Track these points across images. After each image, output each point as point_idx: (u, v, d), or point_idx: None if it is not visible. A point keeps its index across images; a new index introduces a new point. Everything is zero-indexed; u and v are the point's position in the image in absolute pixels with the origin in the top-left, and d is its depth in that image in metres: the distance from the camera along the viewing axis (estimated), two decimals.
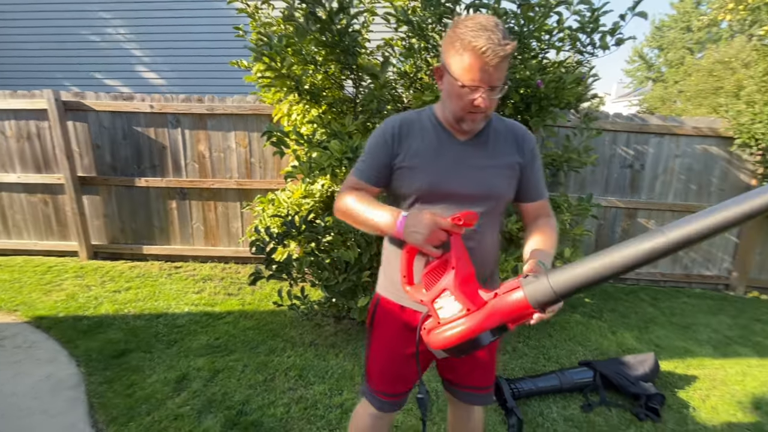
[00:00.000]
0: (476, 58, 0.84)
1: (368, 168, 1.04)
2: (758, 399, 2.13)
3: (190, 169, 3.75)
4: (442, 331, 0.82)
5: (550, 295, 0.70)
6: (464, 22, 0.87)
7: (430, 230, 0.83)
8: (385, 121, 1.05)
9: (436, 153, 1.00)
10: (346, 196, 1.02)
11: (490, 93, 0.88)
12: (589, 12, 2.52)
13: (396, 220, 0.90)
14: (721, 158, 3.68)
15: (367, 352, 1.18)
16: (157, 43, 5.79)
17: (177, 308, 2.93)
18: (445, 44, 0.92)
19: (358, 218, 0.98)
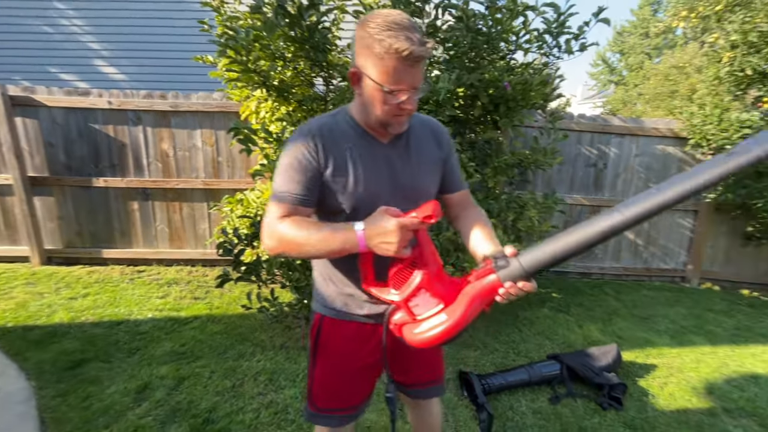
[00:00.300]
0: (399, 61, 0.79)
1: (295, 189, 0.90)
2: (711, 384, 2.26)
3: (153, 168, 3.59)
4: (425, 329, 0.83)
5: (522, 273, 0.77)
6: (375, 20, 0.81)
7: (401, 236, 0.78)
8: (299, 130, 0.93)
9: (365, 160, 0.94)
10: (278, 226, 0.87)
11: (414, 93, 0.86)
12: (555, 15, 2.59)
13: (356, 236, 0.81)
14: (677, 157, 3.88)
15: (311, 375, 1.09)
16: (118, 36, 5.51)
17: (139, 314, 2.80)
18: (359, 47, 0.84)
19: (305, 246, 0.85)
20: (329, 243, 0.83)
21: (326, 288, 1.04)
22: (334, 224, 0.86)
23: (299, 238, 0.84)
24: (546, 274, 4.02)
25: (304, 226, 0.86)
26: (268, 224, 0.89)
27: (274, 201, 0.91)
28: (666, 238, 4.02)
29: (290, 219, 0.88)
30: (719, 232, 3.97)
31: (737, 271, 4.03)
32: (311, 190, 0.91)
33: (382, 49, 0.79)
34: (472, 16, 2.53)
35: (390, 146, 0.97)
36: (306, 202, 0.91)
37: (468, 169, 2.56)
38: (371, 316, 1.02)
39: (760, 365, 2.50)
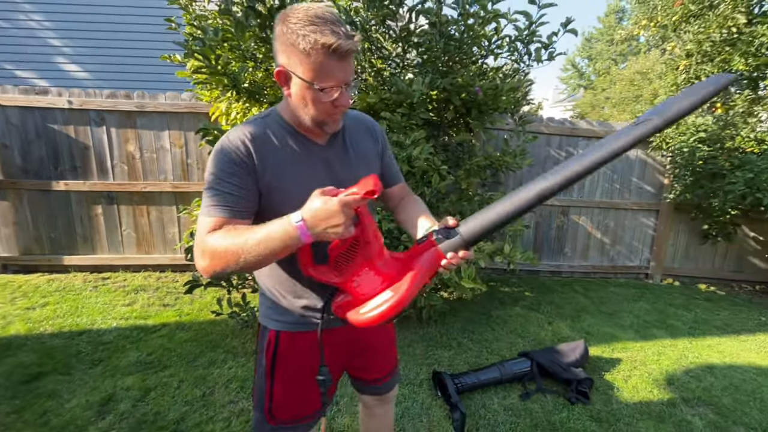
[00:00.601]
0: (326, 56, 0.76)
1: (227, 199, 0.81)
2: (671, 376, 2.37)
3: (118, 171, 3.45)
4: (371, 308, 0.80)
5: (462, 244, 0.81)
6: (296, 15, 0.76)
7: (346, 215, 0.72)
8: (228, 135, 0.85)
9: (304, 165, 0.90)
10: (207, 241, 0.78)
11: (346, 89, 0.82)
12: (526, 23, 2.66)
13: (295, 227, 0.73)
14: (640, 160, 4.07)
15: (267, 391, 1.00)
16: (80, 32, 5.27)
17: (103, 323, 2.68)
18: (282, 44, 0.79)
19: (242, 256, 0.74)
20: (268, 244, 0.74)
21: (279, 302, 0.98)
22: (269, 223, 0.76)
23: (233, 248, 0.75)
24: (519, 273, 4.12)
25: (236, 233, 0.77)
26: (198, 242, 0.80)
27: (203, 216, 0.82)
28: (630, 237, 4.20)
29: (220, 230, 0.79)
30: (679, 231, 4.18)
31: (695, 267, 4.26)
32: (245, 200, 0.84)
33: (308, 45, 0.75)
34: (444, 21, 2.57)
35: (327, 147, 0.94)
36: (239, 213, 0.82)
37: (441, 172, 2.59)
38: (328, 321, 0.98)
39: (715, 356, 2.64)
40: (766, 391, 2.26)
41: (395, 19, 2.75)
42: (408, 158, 2.35)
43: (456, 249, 0.81)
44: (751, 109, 3.59)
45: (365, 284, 0.83)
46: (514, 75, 3.04)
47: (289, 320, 0.98)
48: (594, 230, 4.16)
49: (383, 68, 2.89)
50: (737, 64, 3.51)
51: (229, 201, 0.82)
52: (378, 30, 2.79)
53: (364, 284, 0.83)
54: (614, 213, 4.13)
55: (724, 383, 2.32)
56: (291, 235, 0.73)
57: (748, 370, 2.48)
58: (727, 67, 3.59)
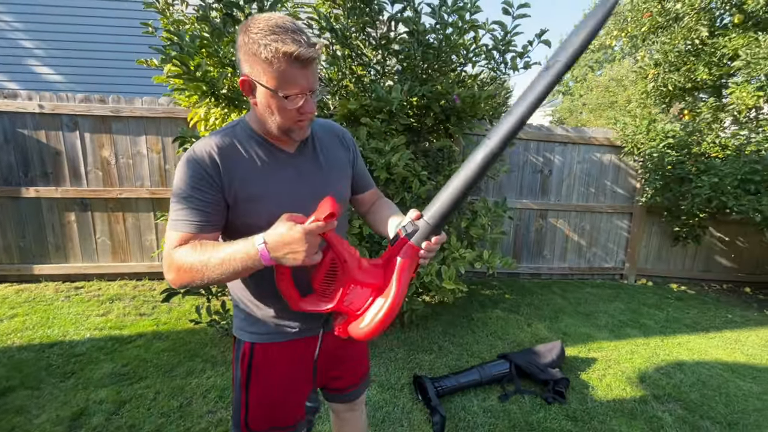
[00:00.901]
0: (288, 64, 0.77)
1: (193, 213, 0.82)
2: (643, 373, 2.46)
3: (92, 177, 3.35)
4: (369, 320, 0.83)
5: (430, 229, 0.83)
6: (257, 25, 0.78)
7: (309, 243, 0.74)
8: (194, 147, 0.85)
9: (273, 174, 0.90)
10: (174, 255, 0.80)
11: (311, 96, 0.84)
12: (502, 33, 2.74)
13: (258, 250, 0.74)
14: (614, 164, 4.21)
15: (242, 403, 0.99)
16: (53, 34, 5.12)
17: (76, 335, 2.59)
18: (244, 53, 0.80)
19: (206, 273, 0.77)
20: (230, 264, 0.76)
21: (252, 313, 0.98)
22: (234, 242, 0.78)
23: (197, 264, 0.77)
24: (500, 276, 4.19)
25: (201, 250, 0.78)
26: (165, 255, 0.83)
27: (170, 229, 0.84)
28: (606, 239, 4.34)
29: (187, 245, 0.81)
30: (651, 233, 4.34)
31: (667, 267, 4.42)
32: (211, 214, 0.84)
33: (269, 54, 0.76)
34: (423, 30, 2.62)
35: (297, 155, 0.94)
36: (206, 227, 0.84)
37: (421, 177, 2.63)
38: (303, 330, 0.99)
39: (685, 353, 2.75)
40: (731, 386, 2.37)
41: (375, 27, 2.79)
42: (387, 165, 2.38)
43: (427, 237, 0.83)
44: (716, 116, 3.77)
45: (356, 300, 0.85)
46: (491, 83, 3.12)
47: (263, 331, 0.98)
48: (571, 233, 4.27)
49: (364, 75, 2.91)
50: (701, 74, 3.68)
51: (194, 216, 0.83)
52: (358, 37, 2.82)
53: (355, 300, 0.85)
54: (590, 216, 4.25)
55: (692, 379, 2.42)
56: (252, 257, 0.75)
57: (714, 366, 2.59)
58: (692, 76, 3.77)
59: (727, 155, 3.42)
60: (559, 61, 0.73)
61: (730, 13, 3.60)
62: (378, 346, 2.60)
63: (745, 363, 2.67)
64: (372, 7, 2.61)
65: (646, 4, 3.89)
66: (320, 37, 2.74)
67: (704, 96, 4.16)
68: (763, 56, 3.07)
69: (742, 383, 2.41)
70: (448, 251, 2.69)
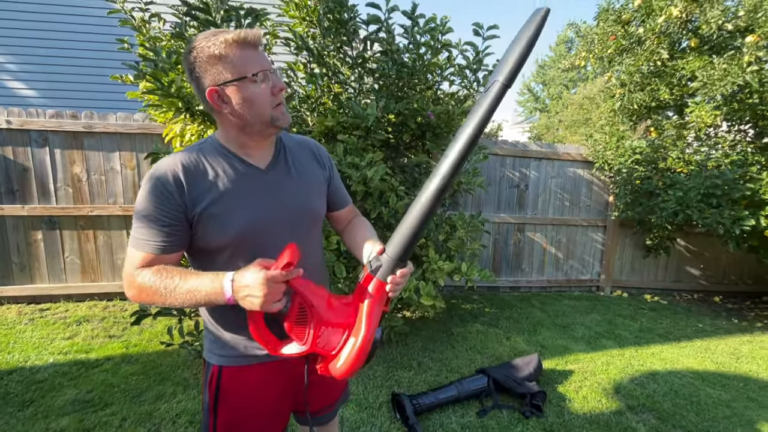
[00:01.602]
0: (242, 48, 0.81)
1: (156, 234, 0.82)
2: (618, 384, 2.50)
3: (61, 194, 3.25)
4: (344, 359, 0.84)
5: (394, 263, 0.84)
6: (197, 40, 0.82)
7: (268, 289, 0.73)
8: (158, 165, 0.84)
9: (242, 190, 0.88)
10: (137, 277, 0.81)
11: (277, 74, 0.87)
12: (474, 52, 2.84)
13: (222, 288, 0.76)
14: (587, 179, 4.35)
15: (210, 427, 0.97)
16: (27, 49, 5.01)
17: (38, 360, 2.47)
18: (199, 66, 0.82)
19: (168, 299, 0.79)
20: (195, 295, 0.78)
21: (221, 335, 0.96)
22: (202, 274, 0.79)
23: (162, 290, 0.79)
24: (479, 290, 4.22)
25: (167, 276, 0.79)
26: (127, 272, 0.83)
27: (132, 247, 0.84)
28: (582, 251, 4.44)
29: (151, 269, 0.81)
30: (625, 245, 4.47)
31: (641, 278, 4.55)
32: (175, 235, 0.84)
33: (220, 48, 0.79)
34: (396, 50, 2.69)
35: (269, 170, 0.93)
36: (168, 248, 0.84)
37: (398, 192, 2.65)
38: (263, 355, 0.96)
39: (658, 363, 2.81)
40: (702, 395, 2.43)
41: (351, 47, 2.86)
42: (363, 179, 2.40)
43: (392, 270, 0.84)
44: (680, 133, 3.97)
45: (329, 341, 0.85)
46: (466, 100, 3.21)
47: (232, 354, 0.96)
48: (548, 246, 4.36)
49: (341, 92, 2.96)
50: (663, 94, 3.88)
51: (156, 237, 0.83)
52: (335, 56, 2.87)
53: (329, 342, 0.85)
54: (566, 229, 4.36)
55: (665, 389, 2.47)
56: (217, 293, 0.77)
57: (686, 375, 2.65)
58: (656, 96, 3.97)
59: (691, 170, 3.58)
60: (497, 81, 0.73)
61: (687, 37, 3.83)
62: None
63: (715, 371, 2.74)
64: (347, 27, 2.68)
65: (611, 28, 4.12)
66: (298, 56, 2.78)
67: (669, 114, 4.38)
68: (718, 78, 3.27)
69: (711, 391, 2.47)
70: (427, 263, 2.71)
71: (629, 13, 3.99)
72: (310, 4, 2.65)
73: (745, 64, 3.18)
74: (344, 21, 2.64)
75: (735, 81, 3.18)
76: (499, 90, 0.73)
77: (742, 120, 3.74)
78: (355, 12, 2.66)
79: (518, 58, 0.71)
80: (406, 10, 2.66)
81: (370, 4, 2.61)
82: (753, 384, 2.59)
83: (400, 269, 0.84)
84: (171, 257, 0.85)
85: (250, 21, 2.37)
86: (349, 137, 2.52)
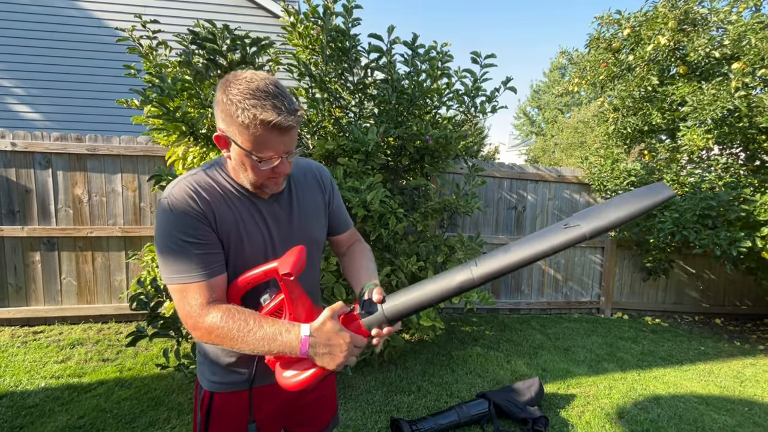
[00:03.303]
0: (269, 132, 0.75)
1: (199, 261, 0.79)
2: (621, 409, 2.45)
3: (62, 215, 3.27)
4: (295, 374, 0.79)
5: (383, 321, 0.81)
6: (237, 86, 0.76)
7: (350, 353, 0.76)
8: (171, 192, 0.81)
9: (248, 220, 0.87)
10: (208, 317, 0.78)
11: (288, 156, 0.82)
12: (472, 79, 2.94)
13: (299, 343, 0.74)
14: (584, 201, 4.40)
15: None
16: (33, 74, 5.15)
17: (30, 384, 2.41)
18: (221, 111, 0.78)
19: (238, 340, 0.76)
20: (269, 345, 0.75)
21: (211, 361, 0.95)
22: (277, 323, 0.77)
23: (235, 333, 0.76)
24: (479, 312, 4.19)
25: (240, 318, 0.77)
26: (186, 315, 0.79)
27: (176, 286, 0.79)
28: (581, 273, 4.44)
29: (220, 309, 0.78)
30: (623, 266, 4.48)
31: (641, 300, 4.53)
32: (213, 253, 0.82)
33: (247, 119, 0.74)
34: (397, 78, 2.78)
35: (272, 201, 0.92)
36: (215, 270, 0.81)
37: (398, 214, 2.68)
38: (258, 379, 0.94)
39: (661, 387, 2.77)
40: (707, 420, 2.38)
41: (352, 73, 2.95)
42: (364, 202, 2.43)
43: (378, 325, 0.81)
44: (673, 156, 4.05)
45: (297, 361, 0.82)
46: (463, 124, 3.30)
47: (224, 381, 0.95)
48: (548, 267, 4.36)
49: (342, 117, 3.03)
50: (655, 118, 3.99)
51: (199, 263, 0.79)
52: (336, 82, 2.96)
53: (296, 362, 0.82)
54: (564, 251, 4.36)
55: (669, 413, 2.42)
56: (292, 345, 0.75)
57: (690, 399, 2.61)
58: (648, 120, 4.08)
59: (685, 192, 3.64)
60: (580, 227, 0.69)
61: (675, 64, 3.97)
62: (355, 388, 2.52)
63: (719, 395, 2.70)
64: (349, 55, 2.78)
65: (602, 56, 4.27)
66: (300, 81, 2.87)
67: (662, 137, 4.48)
68: (708, 102, 3.37)
69: (716, 416, 2.42)
70: None
71: (619, 41, 4.14)
72: (313, 33, 2.75)
73: (733, 90, 3.29)
74: (346, 49, 2.74)
75: (725, 105, 3.28)
76: (577, 238, 0.70)
77: (733, 143, 3.83)
78: (357, 41, 2.76)
79: (614, 222, 0.68)
80: (407, 40, 2.77)
81: (373, 35, 2.72)
82: (758, 408, 2.55)
83: (387, 327, 0.82)
84: (220, 280, 0.82)
85: (255, 50, 2.47)
86: (350, 161, 2.57)
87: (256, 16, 5.44)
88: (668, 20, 3.63)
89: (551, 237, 0.72)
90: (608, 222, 0.69)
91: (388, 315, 0.80)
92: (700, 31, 3.63)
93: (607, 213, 0.69)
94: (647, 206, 0.68)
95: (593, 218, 0.70)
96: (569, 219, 0.73)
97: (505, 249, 0.75)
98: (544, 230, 0.74)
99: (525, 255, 0.73)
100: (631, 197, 0.69)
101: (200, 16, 4.77)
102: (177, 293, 0.80)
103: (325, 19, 2.62)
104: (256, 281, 0.83)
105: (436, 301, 0.79)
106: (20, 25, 5.03)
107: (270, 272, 0.81)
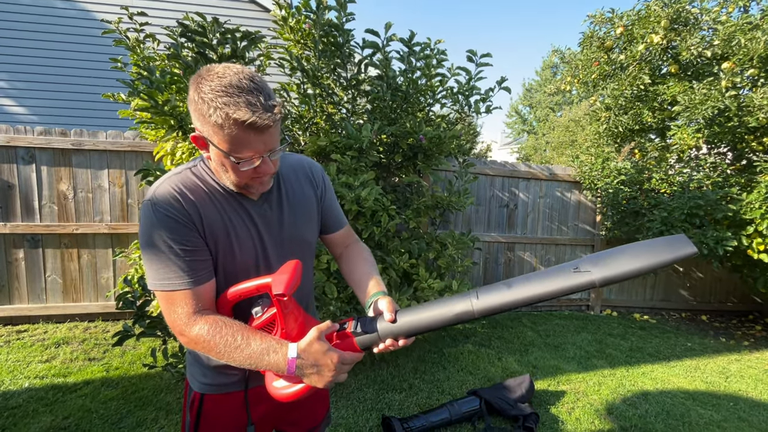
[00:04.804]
0: (244, 131, 0.70)
1: (184, 267, 0.76)
2: (610, 405, 2.48)
3: (46, 211, 3.19)
4: (286, 385, 0.79)
5: (377, 341, 0.81)
6: (209, 83, 0.69)
7: (338, 373, 0.74)
8: (155, 193, 0.76)
9: (235, 222, 0.83)
10: (195, 328, 0.75)
11: (271, 155, 0.76)
12: (466, 78, 2.93)
13: (285, 363, 0.72)
14: (575, 199, 4.43)
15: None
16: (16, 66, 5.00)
17: (12, 384, 2.36)
18: (194, 110, 0.73)
19: (223, 353, 0.74)
20: (257, 363, 0.74)
21: (201, 362, 0.92)
22: (266, 340, 0.74)
23: (222, 347, 0.74)
24: None
25: (227, 332, 0.74)
26: (173, 323, 0.77)
27: (162, 292, 0.76)
28: None
29: (208, 320, 0.76)
30: None
31: (630, 297, 4.59)
32: (199, 260, 0.78)
33: (219, 119, 0.69)
34: (392, 75, 2.76)
35: (260, 201, 0.87)
36: (202, 278, 0.78)
37: (390, 211, 2.66)
38: (249, 380, 0.94)
39: (649, 383, 2.81)
40: (693, 415, 2.42)
41: (346, 69, 2.92)
42: (357, 199, 2.41)
43: (372, 346, 0.81)
44: (663, 155, 4.09)
45: None
46: (457, 122, 3.29)
47: (214, 383, 0.93)
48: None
49: (334, 113, 3.00)
50: (646, 117, 4.03)
51: (185, 269, 0.76)
52: (329, 77, 2.92)
53: None
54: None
55: (657, 409, 2.45)
56: (279, 364, 0.73)
57: (677, 395, 2.65)
58: (639, 119, 4.11)
59: (674, 191, 3.68)
60: (590, 274, 0.66)
61: (667, 63, 4.01)
62: (346, 386, 2.50)
63: (705, 391, 2.74)
64: (342, 50, 2.74)
65: (595, 54, 4.29)
66: (291, 77, 2.83)
67: (652, 136, 4.53)
68: (699, 102, 3.41)
69: (703, 411, 2.47)
70: (418, 282, 2.70)
71: (612, 40, 4.17)
72: (305, 27, 2.71)
73: (723, 89, 3.33)
74: (339, 44, 2.71)
75: (716, 105, 3.32)
76: (585, 285, 0.67)
77: (722, 143, 3.89)
78: (351, 36, 2.72)
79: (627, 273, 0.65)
80: (403, 38, 2.74)
81: (370, 30, 2.68)
82: (743, 403, 2.60)
83: (382, 344, 0.80)
84: (208, 287, 0.79)
85: (246, 44, 2.42)
86: (343, 157, 2.54)
87: (246, 10, 5.36)
88: (661, 19, 3.66)
89: (558, 279, 0.69)
90: (621, 272, 0.66)
91: (383, 336, 0.79)
92: (692, 30, 3.67)
93: (621, 262, 0.66)
94: (665, 261, 0.65)
95: (606, 266, 0.67)
96: (581, 261, 0.69)
97: (508, 284, 0.73)
98: (552, 269, 0.72)
99: (528, 294, 0.71)
100: (649, 247, 0.66)
101: (189, 9, 4.68)
102: (163, 300, 0.78)
103: (317, 13, 2.59)
104: (247, 295, 0.81)
105: (433, 329, 0.79)
106: (2, 15, 4.88)
107: (262, 287, 0.78)
